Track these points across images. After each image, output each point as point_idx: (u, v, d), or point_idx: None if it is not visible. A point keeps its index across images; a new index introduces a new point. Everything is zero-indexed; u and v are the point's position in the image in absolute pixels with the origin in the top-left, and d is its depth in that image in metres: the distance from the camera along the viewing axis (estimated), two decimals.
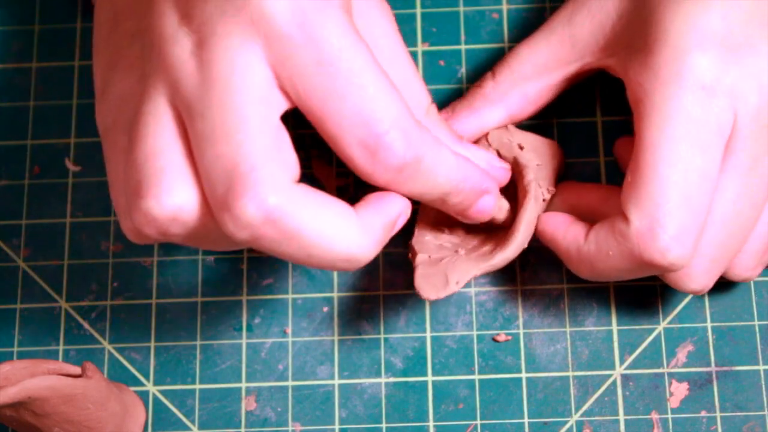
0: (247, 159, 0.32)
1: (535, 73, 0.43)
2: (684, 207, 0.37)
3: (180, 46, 0.34)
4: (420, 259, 0.41)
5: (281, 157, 0.33)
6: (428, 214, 0.43)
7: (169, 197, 0.33)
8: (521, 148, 0.43)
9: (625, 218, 0.38)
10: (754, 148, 0.38)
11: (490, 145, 0.43)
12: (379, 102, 0.34)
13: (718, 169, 0.38)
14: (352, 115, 0.34)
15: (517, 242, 0.41)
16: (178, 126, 0.34)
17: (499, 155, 0.43)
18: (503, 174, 0.42)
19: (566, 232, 0.41)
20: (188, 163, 0.33)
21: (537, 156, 0.43)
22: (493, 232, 0.43)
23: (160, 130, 0.34)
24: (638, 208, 0.37)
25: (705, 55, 0.37)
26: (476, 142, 0.44)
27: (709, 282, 0.40)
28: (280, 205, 0.32)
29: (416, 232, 0.42)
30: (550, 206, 0.43)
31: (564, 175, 0.45)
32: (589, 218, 0.41)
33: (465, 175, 0.38)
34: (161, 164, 0.33)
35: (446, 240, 0.43)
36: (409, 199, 0.37)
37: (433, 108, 0.41)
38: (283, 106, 0.34)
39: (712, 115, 0.37)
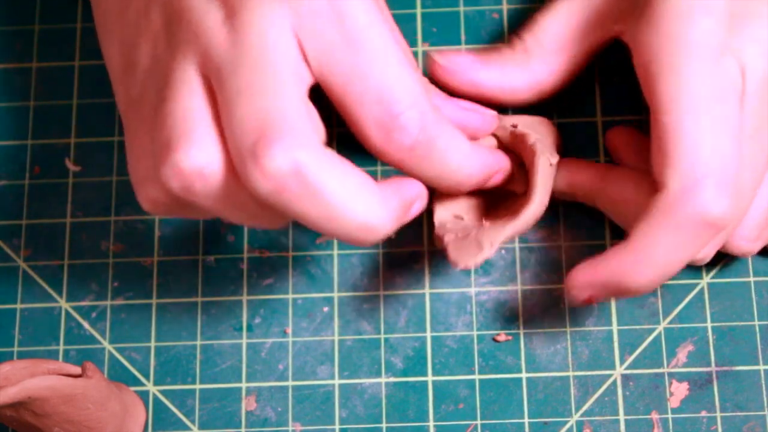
0: (281, 112, 0.33)
1: (560, 46, 0.43)
2: (718, 156, 0.36)
3: (211, 16, 0.34)
4: (448, 237, 0.41)
5: (312, 120, 0.34)
6: (443, 204, 0.43)
7: (198, 152, 0.33)
8: (515, 126, 0.43)
9: (657, 192, 0.37)
10: (759, 112, 0.38)
11: None
12: (400, 82, 0.35)
13: (740, 118, 0.37)
14: (371, 94, 0.34)
15: (538, 197, 0.40)
16: (207, 93, 0.34)
17: (496, 138, 0.43)
18: (491, 120, 0.43)
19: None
20: (215, 128, 0.34)
21: (530, 124, 0.43)
22: (510, 208, 0.43)
23: (190, 93, 0.34)
24: (673, 169, 0.36)
25: (710, 17, 0.37)
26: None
27: (710, 250, 0.40)
28: (309, 160, 0.33)
29: (436, 224, 0.42)
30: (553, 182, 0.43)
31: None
32: (588, 193, 0.41)
33: (480, 162, 0.39)
34: (191, 123, 0.34)
35: (463, 224, 0.43)
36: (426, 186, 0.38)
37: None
38: (309, 79, 0.35)
39: (723, 70, 0.37)
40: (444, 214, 0.43)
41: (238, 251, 0.46)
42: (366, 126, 0.35)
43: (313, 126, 0.34)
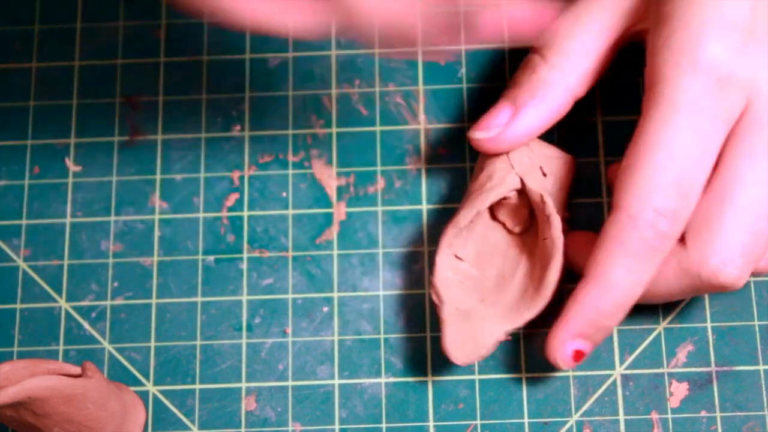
0: None
1: (585, 50, 0.42)
2: (675, 193, 0.37)
3: None
4: (447, 313, 0.42)
5: None
6: (447, 240, 0.43)
7: None
8: (544, 174, 0.43)
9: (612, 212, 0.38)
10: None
11: (513, 168, 0.43)
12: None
13: (716, 152, 0.38)
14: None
15: (545, 299, 0.41)
16: None
17: (523, 185, 0.43)
18: None
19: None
20: None
21: (556, 171, 0.43)
22: (507, 260, 0.43)
23: None
24: (629, 195, 0.38)
25: (725, 43, 0.37)
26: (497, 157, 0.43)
27: (743, 273, 0.38)
28: None
29: (437, 264, 0.42)
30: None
31: None
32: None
33: None
34: None
35: (465, 274, 0.43)
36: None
37: None
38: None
39: (721, 106, 0.37)
40: (446, 259, 0.43)
41: (238, 251, 0.46)
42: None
43: None
